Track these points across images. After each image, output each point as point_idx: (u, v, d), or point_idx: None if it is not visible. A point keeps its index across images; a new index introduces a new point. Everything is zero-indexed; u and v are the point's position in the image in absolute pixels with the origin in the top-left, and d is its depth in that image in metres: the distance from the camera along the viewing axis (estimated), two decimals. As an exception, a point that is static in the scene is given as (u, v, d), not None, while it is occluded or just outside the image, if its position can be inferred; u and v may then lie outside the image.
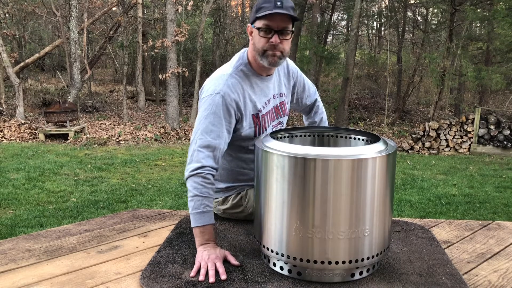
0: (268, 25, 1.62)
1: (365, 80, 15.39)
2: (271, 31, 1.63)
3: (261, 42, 1.65)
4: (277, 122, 1.85)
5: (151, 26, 14.33)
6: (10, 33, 12.02)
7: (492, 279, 1.46)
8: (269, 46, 1.64)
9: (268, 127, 1.80)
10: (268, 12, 1.58)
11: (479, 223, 1.98)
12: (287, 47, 1.69)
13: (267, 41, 1.64)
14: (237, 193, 1.87)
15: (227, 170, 1.86)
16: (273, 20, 1.61)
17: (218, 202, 1.92)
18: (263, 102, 1.77)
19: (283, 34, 1.64)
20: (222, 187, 1.88)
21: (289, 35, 1.66)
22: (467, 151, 8.80)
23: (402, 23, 13.86)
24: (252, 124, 1.74)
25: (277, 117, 1.85)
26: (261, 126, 1.77)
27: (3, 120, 9.98)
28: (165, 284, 1.37)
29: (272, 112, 1.82)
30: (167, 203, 4.84)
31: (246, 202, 1.86)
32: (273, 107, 1.83)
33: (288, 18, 1.62)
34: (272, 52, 1.65)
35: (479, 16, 9.86)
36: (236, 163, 1.84)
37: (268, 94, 1.80)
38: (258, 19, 1.63)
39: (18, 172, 6.07)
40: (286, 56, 1.72)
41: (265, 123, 1.79)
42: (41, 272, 1.49)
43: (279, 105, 1.86)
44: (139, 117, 11.83)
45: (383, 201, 1.37)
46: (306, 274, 1.39)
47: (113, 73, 19.68)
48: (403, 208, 4.79)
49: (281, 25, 1.62)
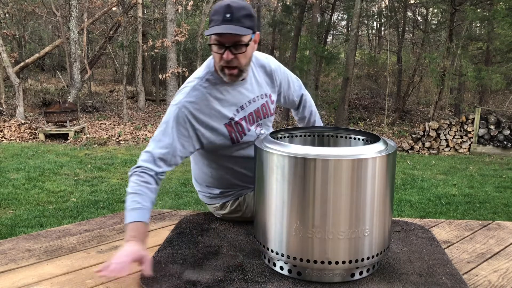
0: (218, 41, 1.52)
1: (365, 80, 15.39)
2: (222, 46, 1.53)
3: (216, 58, 1.58)
4: (257, 125, 1.77)
5: (151, 26, 14.34)
6: (10, 33, 12.02)
7: (492, 279, 1.46)
8: (224, 62, 1.56)
9: (248, 132, 1.72)
10: (213, 32, 1.49)
11: (479, 223, 1.98)
12: (244, 60, 1.58)
13: (221, 57, 1.55)
14: (235, 198, 1.85)
15: (216, 178, 1.82)
16: (222, 37, 1.51)
17: (216, 208, 1.90)
18: (234, 110, 1.68)
19: (237, 49, 1.53)
20: (216, 193, 1.86)
21: (243, 48, 1.54)
22: (467, 151, 8.80)
23: (402, 23, 13.86)
24: (225, 132, 1.66)
25: (257, 120, 1.77)
26: (238, 132, 1.69)
27: (3, 120, 9.99)
28: (165, 284, 1.37)
29: (251, 116, 1.74)
30: (167, 203, 4.84)
31: (244, 207, 1.84)
32: (253, 110, 1.74)
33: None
34: (228, 70, 1.58)
35: (479, 16, 9.86)
36: (224, 171, 1.79)
37: (243, 100, 1.71)
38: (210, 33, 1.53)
39: (18, 172, 6.07)
40: (245, 70, 1.63)
41: (243, 129, 1.71)
42: (41, 272, 1.49)
43: (260, 108, 1.77)
44: (139, 117, 11.83)
45: (383, 201, 1.37)
46: (306, 274, 1.39)
47: (113, 73, 19.68)
48: (403, 208, 4.79)
49: (232, 39, 1.51)
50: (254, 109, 1.75)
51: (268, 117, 1.83)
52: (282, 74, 1.90)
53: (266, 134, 1.56)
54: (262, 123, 1.80)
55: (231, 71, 1.58)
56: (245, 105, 1.72)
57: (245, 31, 1.51)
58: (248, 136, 1.73)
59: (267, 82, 1.83)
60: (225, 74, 1.60)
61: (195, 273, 1.44)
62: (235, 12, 1.49)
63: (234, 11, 1.49)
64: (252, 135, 1.74)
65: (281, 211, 1.38)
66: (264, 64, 1.82)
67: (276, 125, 11.90)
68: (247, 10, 1.52)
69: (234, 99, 1.69)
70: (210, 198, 1.90)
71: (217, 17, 1.50)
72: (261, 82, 1.80)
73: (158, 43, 10.04)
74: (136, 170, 1.54)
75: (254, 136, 1.73)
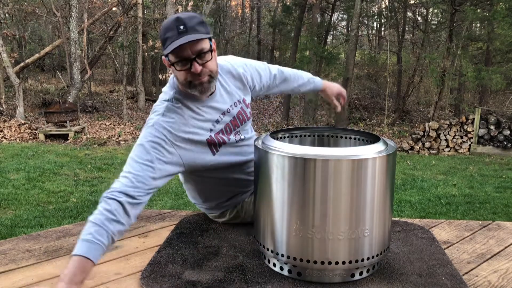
0: (181, 56, 1.44)
1: (365, 80, 15.38)
2: (187, 61, 1.46)
3: (182, 75, 1.49)
4: (235, 133, 1.71)
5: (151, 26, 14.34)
6: (10, 33, 12.02)
7: (492, 279, 1.46)
8: (191, 76, 1.48)
9: (228, 141, 1.67)
10: (174, 47, 1.41)
11: (479, 224, 1.98)
12: (214, 66, 1.52)
13: (188, 73, 1.47)
14: (233, 207, 1.83)
15: (209, 193, 1.80)
16: (184, 50, 1.43)
17: (215, 216, 1.89)
18: (210, 125, 1.62)
19: (202, 58, 1.47)
20: (213, 205, 1.84)
21: (209, 55, 1.48)
22: (467, 151, 8.80)
23: (402, 23, 13.86)
24: (205, 147, 1.60)
25: (235, 128, 1.70)
26: (218, 144, 1.64)
27: (3, 120, 9.99)
28: (165, 284, 1.37)
29: (228, 127, 1.68)
30: (167, 203, 4.84)
31: (243, 213, 1.83)
32: (229, 121, 1.68)
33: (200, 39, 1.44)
34: (198, 81, 1.49)
35: (479, 16, 9.86)
36: (214, 183, 1.75)
37: (216, 114, 1.64)
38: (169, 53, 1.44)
39: (18, 172, 6.07)
40: (217, 75, 1.56)
41: (223, 140, 1.65)
42: (41, 272, 1.49)
43: (236, 116, 1.70)
44: (139, 117, 11.83)
45: (383, 201, 1.37)
46: (306, 275, 1.39)
47: (113, 73, 19.68)
48: (403, 208, 4.79)
49: (195, 49, 1.44)
50: (230, 119, 1.69)
51: (246, 122, 1.76)
52: (248, 68, 1.81)
53: (266, 134, 1.57)
54: (240, 130, 1.74)
55: (202, 79, 1.50)
56: (220, 118, 1.65)
57: (204, 36, 1.46)
58: (227, 144, 1.67)
59: (238, 86, 1.76)
60: (195, 87, 1.51)
61: (195, 274, 1.44)
62: (187, 22, 1.43)
63: (186, 22, 1.43)
64: (231, 142, 1.69)
65: (281, 211, 1.38)
66: (229, 69, 1.75)
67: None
68: (198, 18, 1.47)
69: (208, 115, 1.62)
70: (208, 209, 1.89)
71: (170, 33, 1.43)
72: (231, 90, 1.72)
73: (158, 43, 10.04)
74: (106, 196, 1.40)
75: (233, 142, 1.69)
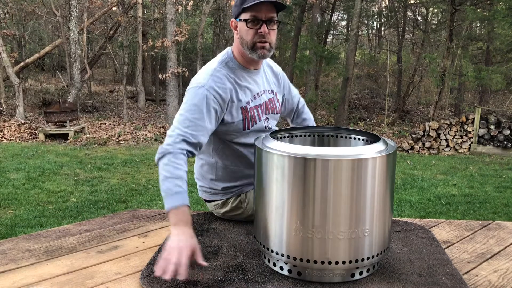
0: (255, 16, 1.61)
1: (365, 80, 15.39)
2: (259, 21, 1.62)
3: (250, 34, 1.64)
4: (265, 118, 1.83)
5: (151, 26, 14.34)
6: (10, 33, 12.00)
7: (492, 279, 1.46)
8: (258, 37, 1.63)
9: (258, 121, 1.78)
10: (254, 2, 1.57)
11: (479, 223, 1.98)
12: (274, 38, 1.68)
13: (256, 32, 1.63)
14: (236, 195, 1.86)
15: (221, 168, 1.84)
16: (260, 11, 1.60)
17: (217, 205, 1.91)
18: (251, 96, 1.75)
19: (271, 24, 1.64)
20: (219, 188, 1.87)
21: (275, 25, 1.66)
22: (467, 151, 8.80)
23: (402, 23, 13.87)
24: (240, 116, 1.72)
25: (266, 112, 1.82)
26: (250, 119, 1.75)
27: (3, 120, 9.99)
28: (165, 284, 1.37)
29: (262, 107, 1.80)
30: (167, 203, 4.83)
31: (245, 204, 1.85)
32: (264, 102, 1.80)
33: (273, 8, 1.62)
34: (261, 44, 1.64)
35: (479, 16, 9.86)
36: (229, 161, 1.82)
37: (256, 88, 1.78)
38: (244, 11, 1.61)
39: (18, 172, 6.07)
40: (273, 49, 1.71)
41: (254, 116, 1.76)
42: (41, 272, 1.49)
43: (268, 102, 1.83)
44: (139, 117, 11.83)
45: (383, 201, 1.37)
46: (306, 274, 1.39)
47: (113, 73, 19.68)
48: (403, 208, 4.79)
49: (268, 14, 1.62)
50: (265, 100, 1.82)
51: (275, 113, 1.88)
52: (284, 77, 1.99)
53: (266, 134, 1.57)
54: (269, 117, 1.85)
55: (264, 44, 1.64)
56: (258, 94, 1.78)
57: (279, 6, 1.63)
58: (257, 126, 1.78)
59: (273, 81, 1.91)
60: (256, 50, 1.65)
61: (195, 273, 1.44)
62: None
63: None
64: (261, 126, 1.79)
65: (281, 211, 1.38)
66: (270, 64, 1.92)
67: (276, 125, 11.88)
68: None
69: (251, 86, 1.75)
70: (212, 194, 1.90)
71: None
72: (269, 79, 1.88)
73: (158, 43, 10.03)
74: (171, 152, 1.51)
75: (262, 128, 1.80)
